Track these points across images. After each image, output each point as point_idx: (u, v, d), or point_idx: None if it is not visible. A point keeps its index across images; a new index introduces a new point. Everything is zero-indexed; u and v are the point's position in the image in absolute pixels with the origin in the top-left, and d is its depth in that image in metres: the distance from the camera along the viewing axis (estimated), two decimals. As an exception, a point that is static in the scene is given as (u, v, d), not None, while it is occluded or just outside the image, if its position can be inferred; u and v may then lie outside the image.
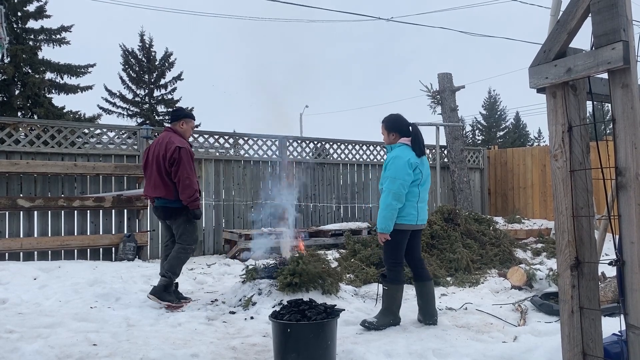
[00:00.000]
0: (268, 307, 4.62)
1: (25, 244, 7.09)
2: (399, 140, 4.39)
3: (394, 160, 4.25)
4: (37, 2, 21.51)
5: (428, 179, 4.48)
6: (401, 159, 4.22)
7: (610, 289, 4.83)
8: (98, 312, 4.70)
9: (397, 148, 4.35)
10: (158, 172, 5.05)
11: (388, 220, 4.20)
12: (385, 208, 4.20)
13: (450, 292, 5.87)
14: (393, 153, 4.32)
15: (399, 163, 4.21)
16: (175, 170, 4.98)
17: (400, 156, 4.24)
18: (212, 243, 8.88)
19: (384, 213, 4.20)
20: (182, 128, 5.31)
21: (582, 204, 2.24)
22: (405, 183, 4.18)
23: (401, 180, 4.17)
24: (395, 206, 4.18)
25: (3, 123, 7.48)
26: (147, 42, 29.11)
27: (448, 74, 11.86)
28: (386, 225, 4.21)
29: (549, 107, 2.30)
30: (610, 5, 2.02)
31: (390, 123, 4.47)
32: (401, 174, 4.18)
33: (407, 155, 4.26)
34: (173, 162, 4.98)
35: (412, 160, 4.24)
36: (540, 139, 47.69)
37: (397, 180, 4.18)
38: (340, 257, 7.35)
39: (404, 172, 4.18)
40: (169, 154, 4.99)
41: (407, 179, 4.19)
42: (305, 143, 10.27)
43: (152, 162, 5.12)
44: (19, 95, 20.70)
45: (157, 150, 5.12)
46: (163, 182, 5.05)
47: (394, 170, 4.21)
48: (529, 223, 10.90)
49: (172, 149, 4.99)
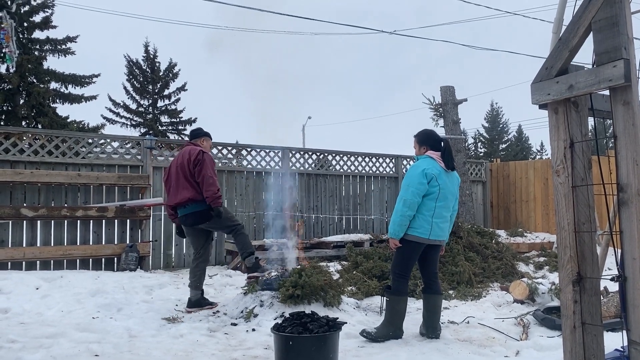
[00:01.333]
0: (270, 319, 4.62)
1: (28, 254, 7.11)
2: (427, 153, 4.43)
3: (411, 169, 4.34)
4: (43, 12, 21.68)
5: (451, 197, 4.40)
6: (417, 168, 4.27)
7: (612, 304, 4.81)
8: (100, 323, 4.70)
9: (420, 159, 4.39)
10: (184, 176, 5.40)
11: (397, 226, 4.23)
12: (395, 213, 4.26)
13: (452, 306, 5.85)
14: (414, 163, 4.40)
15: (414, 172, 4.27)
16: (199, 170, 5.34)
17: (417, 165, 4.31)
18: (215, 254, 8.88)
19: (394, 218, 4.27)
20: (203, 145, 5.76)
21: (584, 220, 2.25)
22: (418, 191, 4.19)
23: (413, 188, 4.19)
24: (406, 213, 4.20)
25: (8, 132, 7.53)
26: (151, 53, 29.32)
27: (450, 87, 11.90)
28: (395, 230, 4.25)
29: (551, 123, 2.32)
30: (612, 23, 2.04)
31: (422, 137, 4.52)
32: (414, 182, 4.21)
33: (425, 165, 4.28)
34: (197, 162, 5.35)
35: (429, 171, 4.24)
36: (542, 152, 47.67)
37: (410, 188, 4.21)
38: (342, 269, 7.34)
39: (417, 180, 4.21)
40: (193, 157, 5.40)
41: (421, 187, 4.20)
42: (308, 154, 10.30)
43: (176, 171, 5.49)
44: (23, 105, 20.79)
45: (180, 160, 5.51)
46: (189, 184, 5.39)
47: (408, 178, 4.27)
48: (532, 236, 10.88)
49: (196, 152, 5.44)
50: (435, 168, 4.28)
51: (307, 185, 10.08)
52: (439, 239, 4.39)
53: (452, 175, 4.44)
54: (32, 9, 21.34)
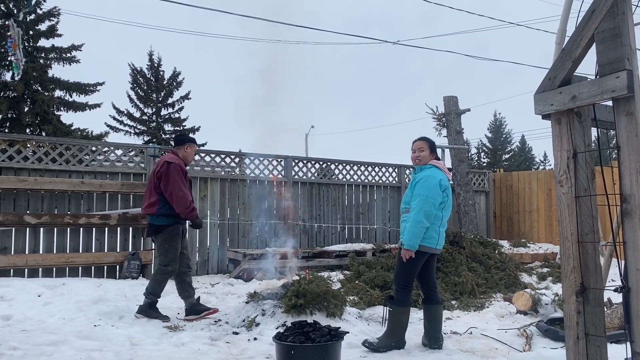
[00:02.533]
0: (272, 328, 4.60)
1: (31, 261, 7.11)
2: (431, 162, 4.43)
3: (427, 179, 4.25)
4: (49, 21, 21.87)
5: (450, 207, 4.50)
6: (434, 179, 4.25)
7: (616, 316, 4.79)
8: (102, 331, 4.69)
9: (428, 169, 4.37)
10: (153, 186, 5.21)
11: (416, 238, 4.16)
12: (416, 225, 4.15)
13: (455, 316, 5.83)
14: (425, 172, 4.33)
15: (432, 182, 4.23)
16: (165, 185, 5.09)
17: (433, 176, 4.27)
18: (216, 262, 8.87)
19: (414, 230, 4.15)
20: (186, 152, 5.46)
21: (587, 230, 2.25)
22: (437, 203, 4.20)
23: (433, 200, 4.19)
24: (425, 224, 4.17)
25: (12, 140, 7.56)
26: (155, 62, 29.50)
27: (454, 97, 11.93)
28: (414, 242, 4.17)
29: (554, 134, 2.33)
30: (614, 35, 2.05)
31: (432, 144, 4.54)
32: (433, 193, 4.20)
33: (439, 176, 4.31)
34: (161, 175, 5.11)
35: (443, 182, 4.30)
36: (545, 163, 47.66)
37: (430, 200, 4.18)
38: (345, 278, 7.33)
39: (436, 192, 4.21)
40: (157, 168, 5.18)
41: (438, 199, 4.22)
42: (311, 163, 10.31)
43: (150, 179, 5.32)
44: (28, 112, 20.91)
45: (154, 168, 5.33)
46: (150, 196, 5.21)
47: (427, 189, 4.20)
48: (535, 247, 10.85)
49: (160, 163, 5.17)
50: (446, 179, 4.36)
51: (309, 195, 10.08)
52: (440, 248, 4.47)
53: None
54: (38, 17, 21.53)
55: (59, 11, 21.69)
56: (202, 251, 8.78)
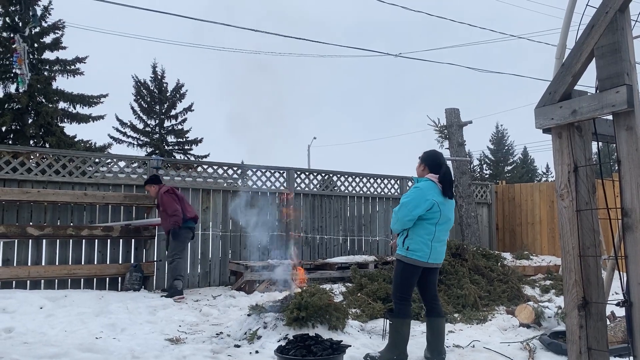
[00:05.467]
0: (273, 341, 4.58)
1: (33, 273, 7.12)
2: (426, 175, 4.43)
3: (414, 190, 4.31)
4: (53, 34, 22.06)
5: (449, 221, 4.43)
6: (420, 191, 4.25)
7: (620, 329, 4.76)
8: (103, 343, 4.68)
9: (422, 182, 4.38)
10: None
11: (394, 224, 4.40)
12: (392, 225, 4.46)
13: (457, 329, 5.80)
14: (417, 184, 4.39)
15: (416, 194, 4.25)
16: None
17: (422, 188, 4.27)
18: (218, 274, 8.86)
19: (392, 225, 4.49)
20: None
21: (588, 244, 2.25)
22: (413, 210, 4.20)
23: (407, 208, 4.21)
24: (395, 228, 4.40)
25: (16, 152, 7.60)
26: (159, 74, 29.71)
27: (455, 109, 11.96)
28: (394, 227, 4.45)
29: (554, 147, 2.34)
30: (614, 50, 2.07)
31: (423, 156, 4.55)
32: (411, 204, 4.21)
33: (429, 191, 4.27)
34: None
35: (431, 198, 4.22)
36: (548, 175, 47.59)
37: (403, 208, 4.24)
38: (347, 290, 7.31)
39: (414, 203, 4.20)
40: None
41: (414, 213, 4.20)
42: (313, 175, 10.32)
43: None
44: (32, 124, 21.02)
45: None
46: None
47: (407, 198, 4.27)
48: (538, 259, 10.80)
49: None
50: (437, 194, 4.29)
51: (311, 206, 10.08)
52: (436, 262, 4.40)
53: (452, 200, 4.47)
54: (43, 30, 21.72)
55: (63, 24, 21.90)
56: (204, 263, 8.77)
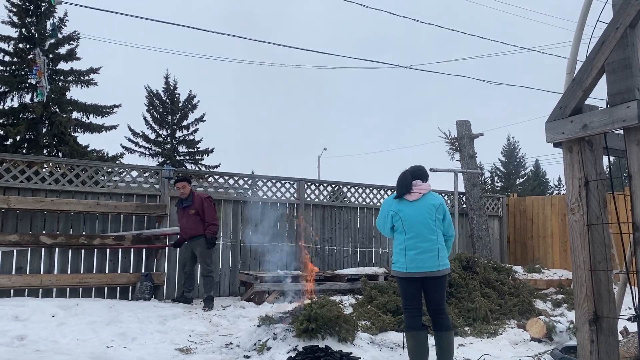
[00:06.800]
0: (283, 352, 4.58)
1: (45, 281, 7.18)
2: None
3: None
4: (68, 45, 22.37)
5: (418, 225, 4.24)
6: (382, 208, 4.58)
7: (633, 345, 4.70)
8: (114, 352, 4.71)
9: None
10: None
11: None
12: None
13: (468, 343, 5.76)
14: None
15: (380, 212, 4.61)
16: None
17: (382, 205, 4.60)
18: (228, 284, 8.88)
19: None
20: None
21: (600, 258, 2.25)
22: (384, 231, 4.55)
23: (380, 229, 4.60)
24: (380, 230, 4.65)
25: (31, 161, 7.71)
26: (171, 85, 29.95)
27: (466, 121, 11.95)
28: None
29: (565, 162, 2.35)
30: (624, 65, 2.08)
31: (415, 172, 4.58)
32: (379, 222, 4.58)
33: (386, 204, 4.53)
34: None
35: (387, 209, 4.45)
36: (560, 188, 47.18)
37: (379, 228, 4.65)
38: (357, 302, 7.28)
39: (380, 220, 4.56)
40: None
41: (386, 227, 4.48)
42: (323, 186, 10.34)
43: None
44: (45, 134, 21.28)
45: None
46: None
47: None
48: (549, 273, 10.70)
49: None
50: (392, 205, 4.41)
51: (321, 217, 10.10)
52: (419, 271, 4.19)
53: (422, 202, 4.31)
54: (58, 41, 22.01)
55: (78, 35, 22.21)
56: (214, 273, 8.79)
